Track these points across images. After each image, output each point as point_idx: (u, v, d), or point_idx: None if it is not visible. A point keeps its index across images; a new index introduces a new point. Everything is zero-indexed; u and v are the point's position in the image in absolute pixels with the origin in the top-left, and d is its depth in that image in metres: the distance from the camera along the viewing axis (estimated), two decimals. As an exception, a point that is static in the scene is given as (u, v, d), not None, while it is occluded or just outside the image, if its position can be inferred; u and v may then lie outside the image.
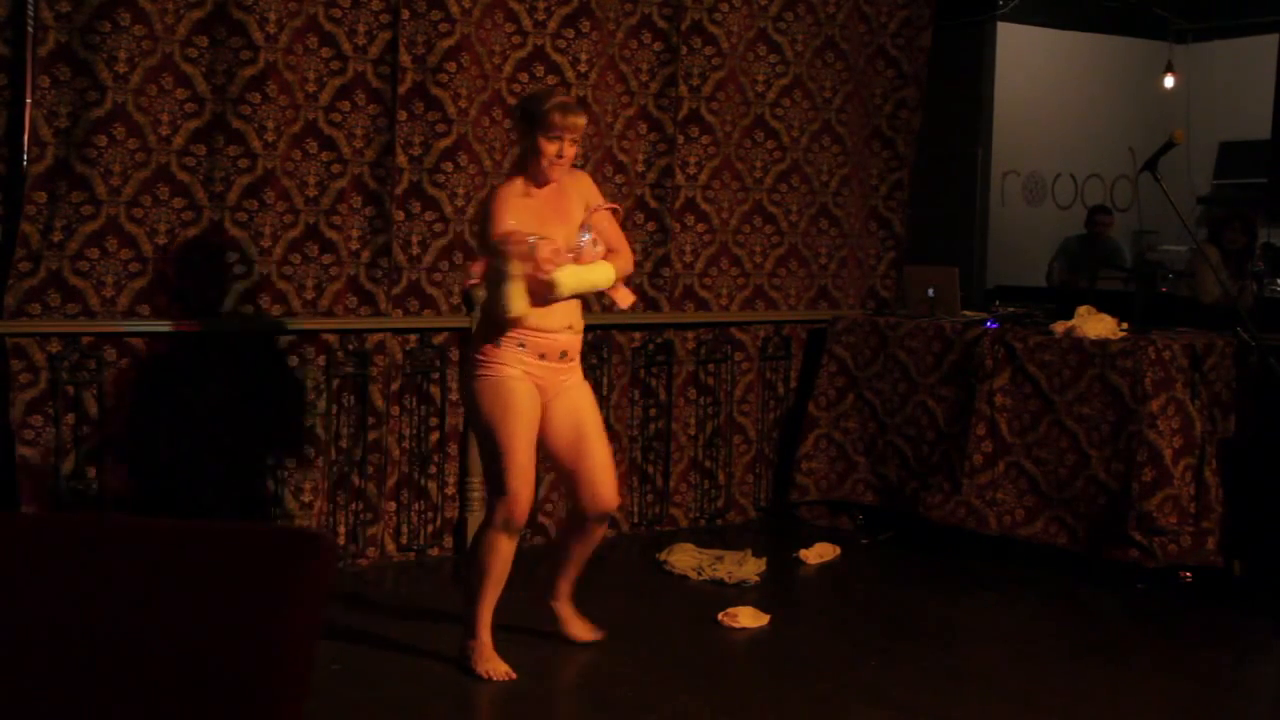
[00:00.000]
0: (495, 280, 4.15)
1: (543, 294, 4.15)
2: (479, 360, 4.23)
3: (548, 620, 4.60)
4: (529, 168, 4.26)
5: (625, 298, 4.47)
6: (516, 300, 4.08)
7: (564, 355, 4.28)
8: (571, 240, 4.25)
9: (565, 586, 4.59)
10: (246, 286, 5.30)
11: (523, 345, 4.19)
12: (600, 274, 4.30)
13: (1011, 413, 5.81)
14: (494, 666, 4.26)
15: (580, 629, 4.60)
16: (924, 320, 6.23)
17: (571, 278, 4.20)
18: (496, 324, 4.18)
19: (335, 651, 4.34)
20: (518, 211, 4.18)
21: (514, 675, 4.25)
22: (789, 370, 6.69)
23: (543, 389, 4.27)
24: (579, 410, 4.35)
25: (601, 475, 4.38)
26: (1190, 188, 9.96)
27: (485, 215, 4.21)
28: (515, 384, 4.19)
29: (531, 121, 4.19)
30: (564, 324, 4.25)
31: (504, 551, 4.23)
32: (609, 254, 4.34)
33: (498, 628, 4.39)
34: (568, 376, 4.34)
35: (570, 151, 4.23)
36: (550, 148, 4.18)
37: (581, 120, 4.24)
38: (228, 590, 2.24)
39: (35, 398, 4.96)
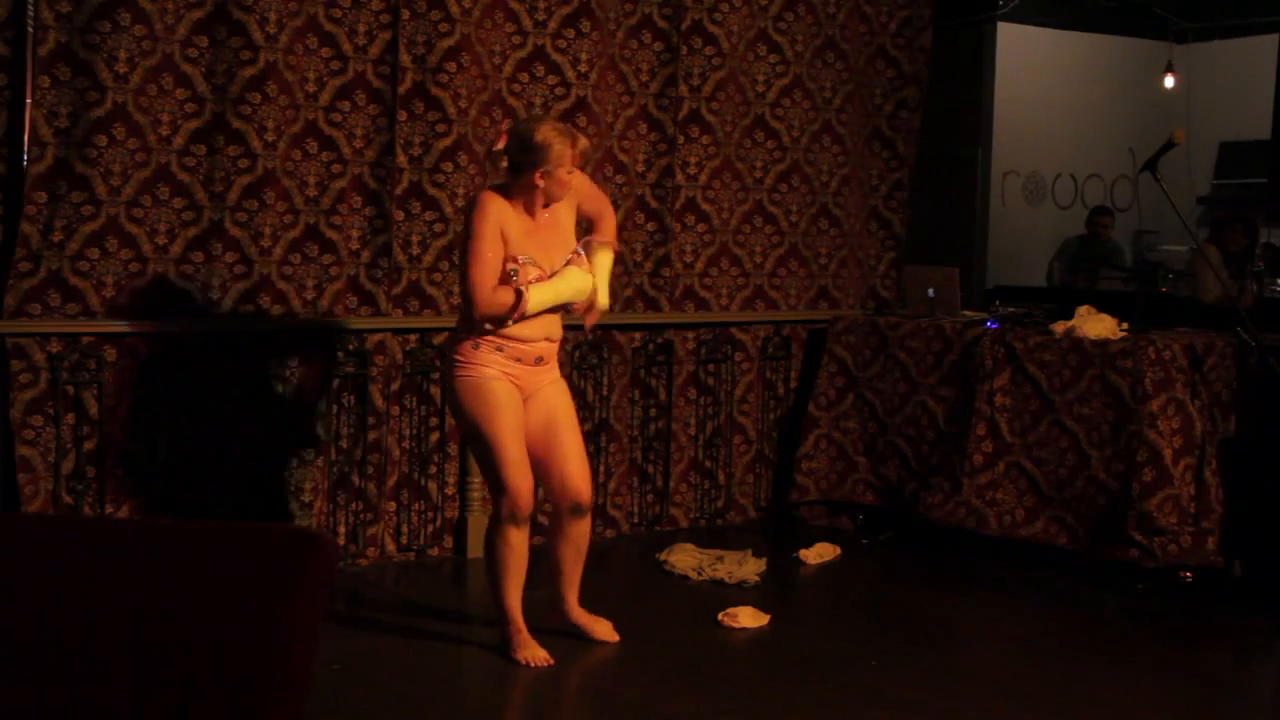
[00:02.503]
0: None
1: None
2: (458, 361, 4.34)
3: (548, 621, 4.60)
4: (528, 193, 4.29)
5: (591, 319, 4.54)
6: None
7: (539, 360, 4.40)
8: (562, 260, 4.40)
9: (571, 596, 4.60)
10: (246, 286, 5.30)
11: (500, 350, 4.31)
12: (570, 283, 4.36)
13: (1011, 413, 5.80)
14: (532, 653, 4.36)
15: (603, 630, 4.62)
16: (924, 320, 6.23)
17: (540, 294, 4.29)
18: (475, 326, 4.29)
19: (335, 651, 4.34)
20: (519, 239, 4.27)
21: (552, 660, 4.35)
22: (789, 370, 6.69)
23: (520, 388, 4.38)
24: (551, 402, 4.45)
25: (572, 465, 4.45)
26: (1190, 188, 9.96)
27: (469, 226, 4.27)
28: (495, 384, 4.31)
29: (540, 156, 4.21)
30: (542, 334, 4.37)
31: (515, 543, 4.35)
32: (596, 220, 4.51)
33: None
34: (544, 377, 4.45)
35: (576, 175, 4.33)
36: (567, 178, 4.27)
37: (588, 143, 4.36)
38: (228, 590, 2.24)
39: (35, 398, 4.96)
